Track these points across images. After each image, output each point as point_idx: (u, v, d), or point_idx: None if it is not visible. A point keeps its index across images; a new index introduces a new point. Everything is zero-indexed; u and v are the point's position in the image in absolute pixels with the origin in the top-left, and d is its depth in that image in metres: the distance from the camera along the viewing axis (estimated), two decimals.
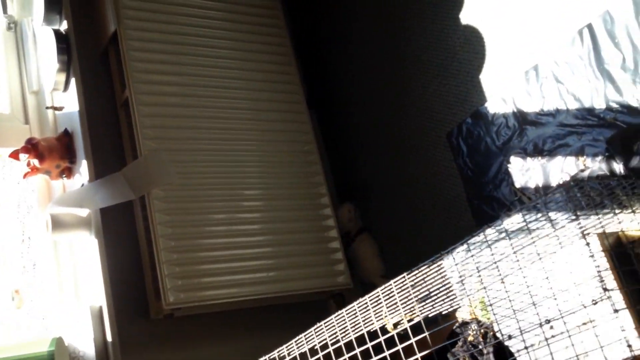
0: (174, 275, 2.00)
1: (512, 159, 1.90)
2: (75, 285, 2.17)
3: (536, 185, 1.83)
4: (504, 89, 1.93)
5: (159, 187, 2.08)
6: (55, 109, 2.37)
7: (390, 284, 1.33)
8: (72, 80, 2.28)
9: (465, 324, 1.71)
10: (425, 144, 2.20)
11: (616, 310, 1.27)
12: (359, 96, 2.51)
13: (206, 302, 2.03)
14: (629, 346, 1.22)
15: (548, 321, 1.35)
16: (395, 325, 1.42)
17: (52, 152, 2.21)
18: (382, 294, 1.38)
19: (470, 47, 2.04)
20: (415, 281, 1.58)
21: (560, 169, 1.76)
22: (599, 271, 1.25)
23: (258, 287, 2.12)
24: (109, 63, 2.39)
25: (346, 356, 1.49)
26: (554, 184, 1.78)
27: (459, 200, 2.08)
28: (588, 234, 1.34)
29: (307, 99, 2.58)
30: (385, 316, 1.39)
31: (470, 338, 1.66)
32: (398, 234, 2.34)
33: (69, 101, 2.31)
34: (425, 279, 1.74)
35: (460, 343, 1.68)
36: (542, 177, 1.81)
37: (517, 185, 1.88)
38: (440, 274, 1.67)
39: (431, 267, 1.85)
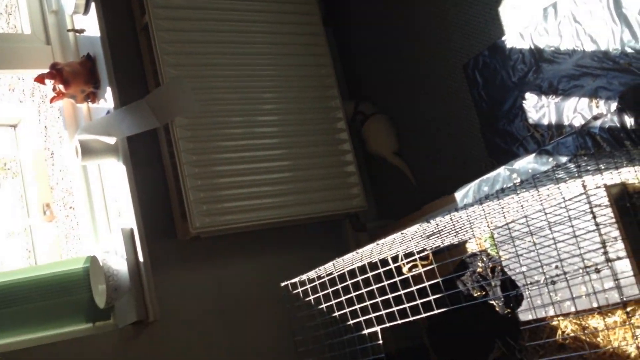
0: (199, 200, 2.11)
1: (527, 95, 1.95)
2: (105, 207, 2.28)
3: (549, 122, 1.89)
4: (521, 24, 1.95)
5: (181, 115, 2.15)
6: (77, 31, 2.39)
7: (406, 231, 1.43)
8: (92, 4, 2.29)
9: (474, 255, 1.83)
10: (442, 73, 2.24)
11: (609, 260, 1.37)
12: (376, 16, 2.52)
13: (230, 226, 2.16)
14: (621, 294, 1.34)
15: (557, 266, 1.46)
16: (411, 269, 1.54)
17: (76, 77, 2.26)
18: (398, 237, 1.48)
19: None
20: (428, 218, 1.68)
21: (574, 109, 1.82)
22: (597, 224, 1.35)
23: (277, 210, 2.23)
24: None
25: (359, 278, 1.61)
26: (566, 123, 1.84)
27: (472, 131, 2.15)
28: (596, 186, 1.43)
29: (323, 18, 2.59)
30: (401, 260, 1.51)
31: (479, 270, 1.78)
32: (411, 158, 2.42)
33: (90, 24, 2.33)
34: (436, 213, 1.84)
35: (469, 273, 1.81)
36: (555, 116, 1.87)
37: (530, 121, 1.94)
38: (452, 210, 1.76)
39: (443, 202, 1.95)
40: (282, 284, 1.89)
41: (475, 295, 1.78)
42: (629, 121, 1.44)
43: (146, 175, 2.23)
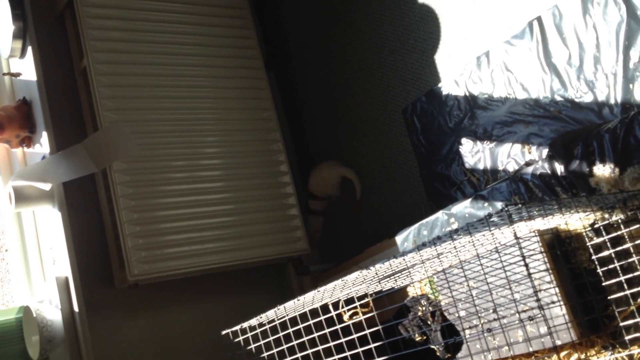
0: (138, 247, 2.07)
1: (463, 140, 2.00)
2: (39, 255, 2.22)
3: (484, 167, 1.94)
4: (456, 71, 2.01)
5: (120, 160, 2.12)
6: (13, 75, 2.35)
7: (347, 278, 1.43)
8: (29, 48, 2.26)
9: (415, 299, 1.84)
10: (381, 117, 2.28)
11: (541, 307, 1.40)
12: (317, 61, 2.55)
13: (170, 272, 2.12)
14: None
15: (494, 310, 1.48)
16: (351, 316, 1.53)
17: (11, 121, 2.22)
18: (339, 284, 1.48)
19: (425, 27, 2.09)
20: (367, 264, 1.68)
21: (507, 154, 1.87)
22: (529, 274, 1.38)
23: (219, 255, 2.21)
24: (66, 28, 2.37)
25: (301, 326, 1.60)
26: (501, 167, 1.89)
27: (412, 175, 2.18)
28: (530, 231, 1.46)
29: (265, 62, 2.61)
30: (342, 308, 1.50)
31: (419, 313, 1.79)
32: (354, 201, 2.44)
33: (26, 68, 2.30)
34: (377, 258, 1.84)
35: (410, 317, 1.81)
36: (490, 160, 1.92)
37: (467, 165, 1.99)
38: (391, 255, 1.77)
39: (384, 245, 1.96)
40: (223, 332, 1.85)
41: (417, 339, 1.78)
42: (559, 168, 1.49)
43: (83, 221, 2.18)
